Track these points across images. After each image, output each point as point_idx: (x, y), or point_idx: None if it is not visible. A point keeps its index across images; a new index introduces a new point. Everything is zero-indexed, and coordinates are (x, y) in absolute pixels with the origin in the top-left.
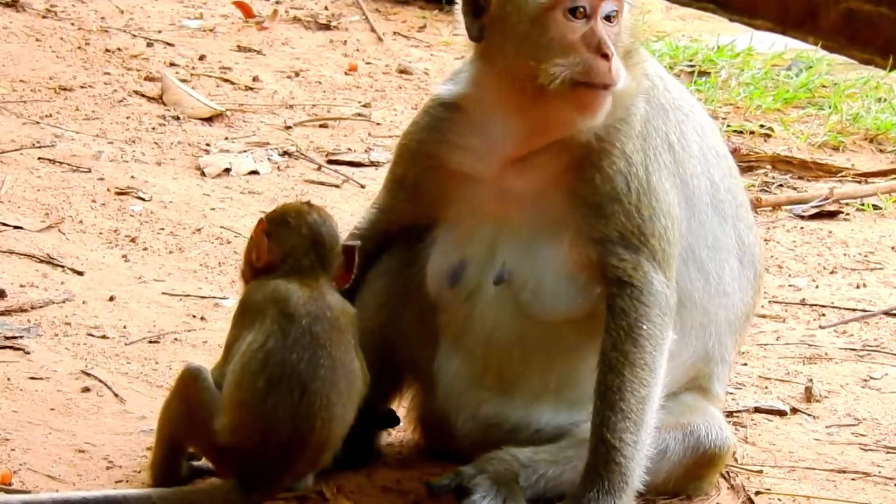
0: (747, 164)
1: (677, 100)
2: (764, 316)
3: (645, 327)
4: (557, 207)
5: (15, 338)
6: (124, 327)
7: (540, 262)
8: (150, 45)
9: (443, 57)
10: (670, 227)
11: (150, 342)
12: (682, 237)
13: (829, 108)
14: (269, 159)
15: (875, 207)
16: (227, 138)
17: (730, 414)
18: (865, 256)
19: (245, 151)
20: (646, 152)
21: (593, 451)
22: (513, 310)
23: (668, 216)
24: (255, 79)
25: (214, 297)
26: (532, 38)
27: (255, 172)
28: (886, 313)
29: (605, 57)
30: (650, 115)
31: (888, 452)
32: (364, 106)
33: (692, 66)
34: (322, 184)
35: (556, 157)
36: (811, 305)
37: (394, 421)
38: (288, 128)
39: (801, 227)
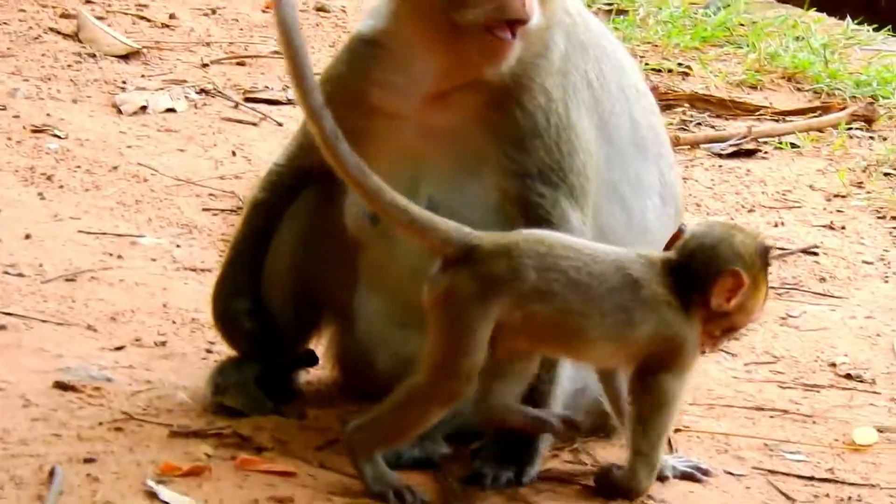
0: (666, 103)
1: (596, 38)
2: None
3: None
4: (479, 143)
5: None
6: (40, 265)
7: (464, 198)
8: None
9: None
10: (589, 163)
11: (67, 280)
12: (602, 174)
13: (747, 46)
14: (185, 97)
15: (793, 146)
16: (143, 76)
17: None
18: (783, 195)
19: (162, 89)
20: (565, 88)
21: None
22: None
23: (587, 153)
24: (171, 16)
25: (131, 235)
26: None
27: (171, 110)
28: (804, 251)
29: None
30: (569, 52)
31: (806, 390)
32: None
33: (610, 4)
34: (239, 122)
35: (476, 93)
36: None
37: (312, 360)
38: (205, 65)
39: (720, 166)
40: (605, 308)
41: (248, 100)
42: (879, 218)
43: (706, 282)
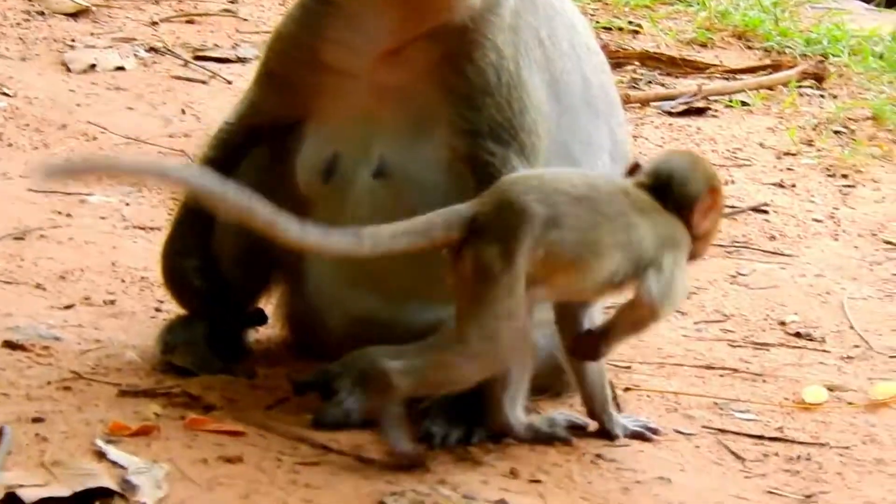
0: (616, 61)
1: (552, 6)
2: None
3: None
4: (430, 101)
5: None
6: None
7: (415, 157)
8: None
9: None
10: (539, 121)
11: (16, 238)
12: (553, 133)
13: (698, 4)
14: (135, 55)
15: (743, 104)
16: (92, 34)
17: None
18: (734, 153)
19: (111, 47)
20: (517, 46)
21: None
22: (388, 204)
23: (538, 111)
24: None
25: (80, 194)
26: None
27: (121, 68)
28: (754, 209)
29: None
30: (520, 9)
31: (756, 348)
32: (231, 2)
33: None
34: (189, 80)
35: (427, 50)
36: None
37: (261, 319)
38: (154, 24)
39: (670, 124)
40: (609, 213)
41: (197, 58)
42: (829, 176)
43: (687, 203)
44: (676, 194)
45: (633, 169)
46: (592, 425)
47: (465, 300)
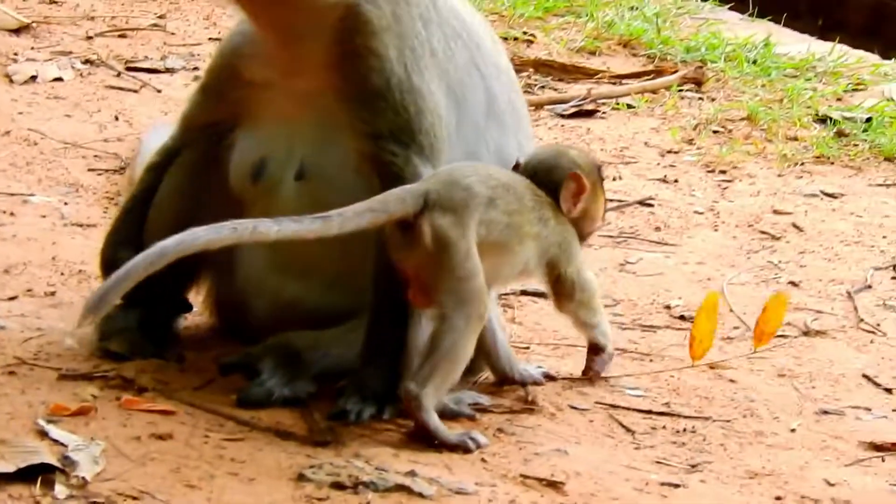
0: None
1: (445, 16)
2: None
3: None
4: (332, 107)
5: None
6: None
7: (330, 159)
8: None
9: None
10: (437, 124)
11: None
12: (454, 138)
13: (586, 15)
14: (72, 67)
15: (629, 106)
16: (33, 48)
17: (498, 296)
18: (621, 151)
19: (50, 60)
20: (401, 51)
21: (371, 329)
22: (310, 206)
23: (435, 114)
24: None
25: (22, 194)
26: None
27: (59, 79)
28: (640, 203)
29: None
30: (405, 21)
31: (644, 330)
32: (160, 17)
33: None
34: (121, 89)
35: (319, 54)
36: None
37: (187, 307)
38: (89, 38)
39: (562, 125)
40: (529, 205)
41: (129, 69)
42: (709, 172)
43: (553, 190)
44: (544, 183)
45: (515, 168)
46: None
47: (429, 275)
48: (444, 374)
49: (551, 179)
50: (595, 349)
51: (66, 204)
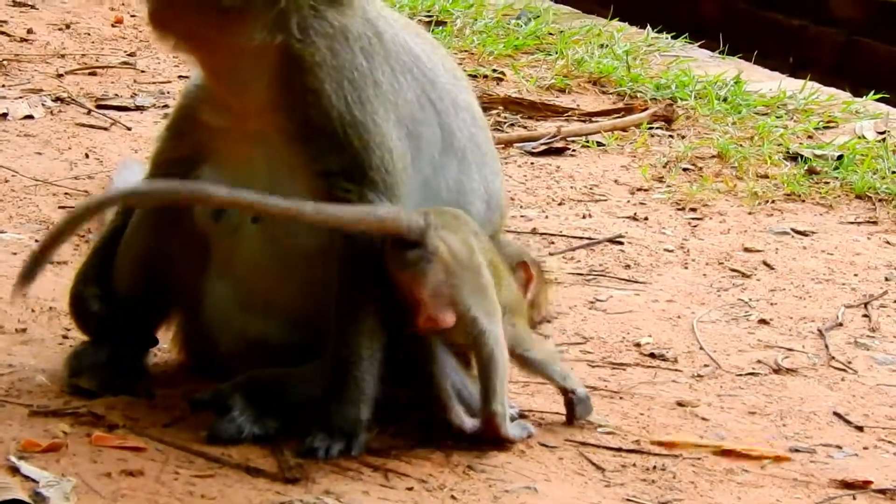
0: (482, 106)
1: (392, 48)
2: None
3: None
4: (282, 147)
5: None
6: None
7: (287, 198)
8: None
9: None
10: (388, 158)
11: None
12: (413, 175)
13: (556, 53)
14: (42, 105)
15: (599, 144)
16: (3, 86)
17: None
18: (591, 189)
19: (21, 98)
20: (340, 84)
21: (332, 367)
22: (269, 245)
23: (384, 148)
24: (29, 31)
25: None
26: None
27: (30, 117)
28: (610, 241)
29: None
30: (345, 54)
31: (613, 368)
32: (130, 55)
33: (430, 16)
34: (92, 126)
35: (263, 99)
36: (542, 234)
37: (153, 341)
38: (60, 76)
39: (532, 163)
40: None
41: (99, 107)
42: (679, 210)
43: None
44: None
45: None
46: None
47: (448, 294)
48: (503, 383)
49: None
50: (564, 392)
51: (36, 241)
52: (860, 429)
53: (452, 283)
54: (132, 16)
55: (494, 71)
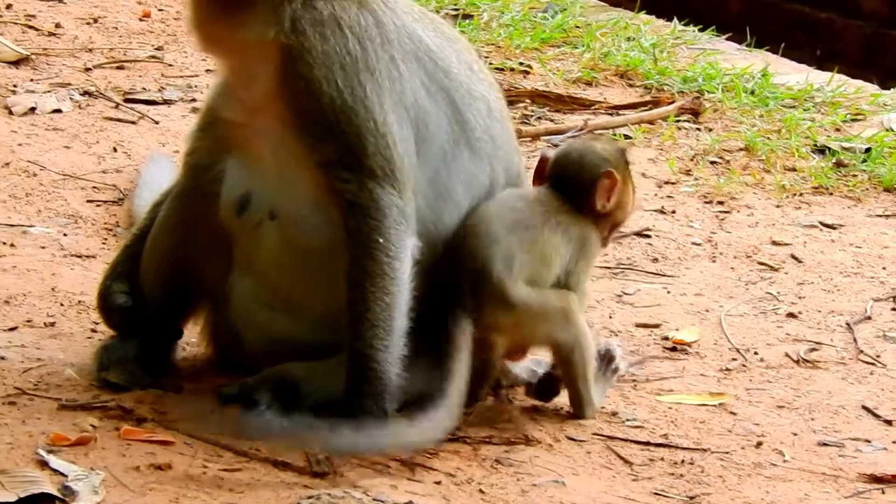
0: (508, 99)
1: (394, 35)
2: None
3: (380, 241)
4: (285, 138)
5: None
6: None
7: (294, 197)
8: None
9: None
10: (386, 144)
11: None
12: (419, 164)
13: (583, 46)
14: (70, 99)
15: (626, 137)
16: (32, 80)
17: None
18: None
19: (49, 92)
20: (331, 69)
21: (350, 361)
22: (284, 244)
23: (378, 134)
24: (57, 25)
25: (22, 226)
26: None
27: (58, 111)
28: (637, 234)
29: None
30: (336, 40)
31: (642, 360)
32: (157, 49)
33: (457, 9)
34: (120, 120)
35: (268, 93)
36: None
37: (178, 334)
38: (88, 70)
39: None
40: (539, 222)
41: (127, 100)
42: (706, 203)
43: (587, 189)
44: (574, 184)
45: (542, 163)
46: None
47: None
48: (590, 385)
49: (583, 179)
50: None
51: (65, 235)
52: (889, 423)
53: (533, 331)
54: (160, 10)
55: (521, 64)
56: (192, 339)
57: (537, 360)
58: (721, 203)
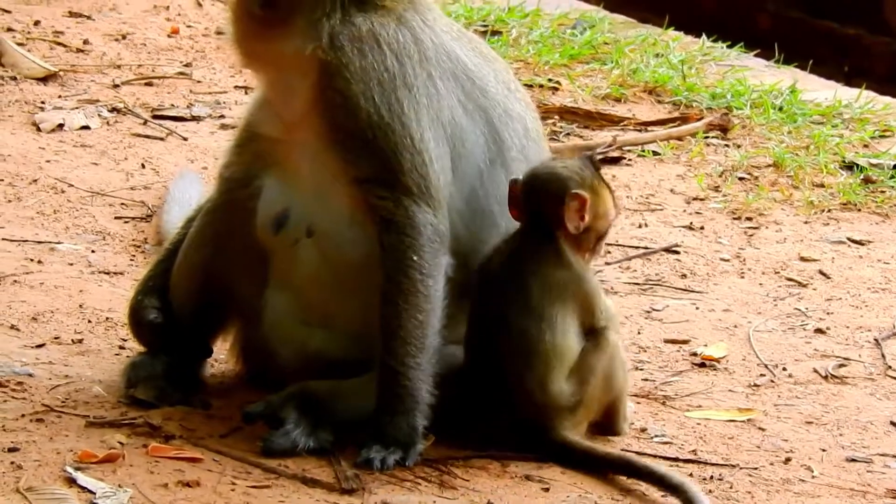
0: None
1: (432, 53)
2: None
3: (414, 258)
4: (322, 154)
5: None
6: None
7: (331, 214)
8: None
9: None
10: (421, 161)
11: None
12: (454, 181)
13: (612, 63)
14: (99, 115)
15: (654, 153)
16: (60, 96)
17: None
18: (647, 198)
19: (77, 108)
20: (368, 85)
21: (381, 378)
22: (321, 261)
23: (417, 152)
24: (85, 42)
25: (50, 242)
26: None
27: (86, 127)
28: (666, 250)
29: None
30: (374, 56)
31: (671, 376)
32: (186, 66)
33: (486, 26)
34: (148, 137)
35: (304, 108)
36: None
37: (208, 352)
38: (116, 86)
39: None
40: None
41: (155, 117)
42: (735, 219)
43: (557, 216)
44: (545, 209)
45: (512, 191)
46: None
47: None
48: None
49: (548, 208)
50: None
51: (93, 252)
52: None
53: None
54: (188, 26)
55: (550, 80)
56: (220, 356)
57: None
58: (749, 219)
